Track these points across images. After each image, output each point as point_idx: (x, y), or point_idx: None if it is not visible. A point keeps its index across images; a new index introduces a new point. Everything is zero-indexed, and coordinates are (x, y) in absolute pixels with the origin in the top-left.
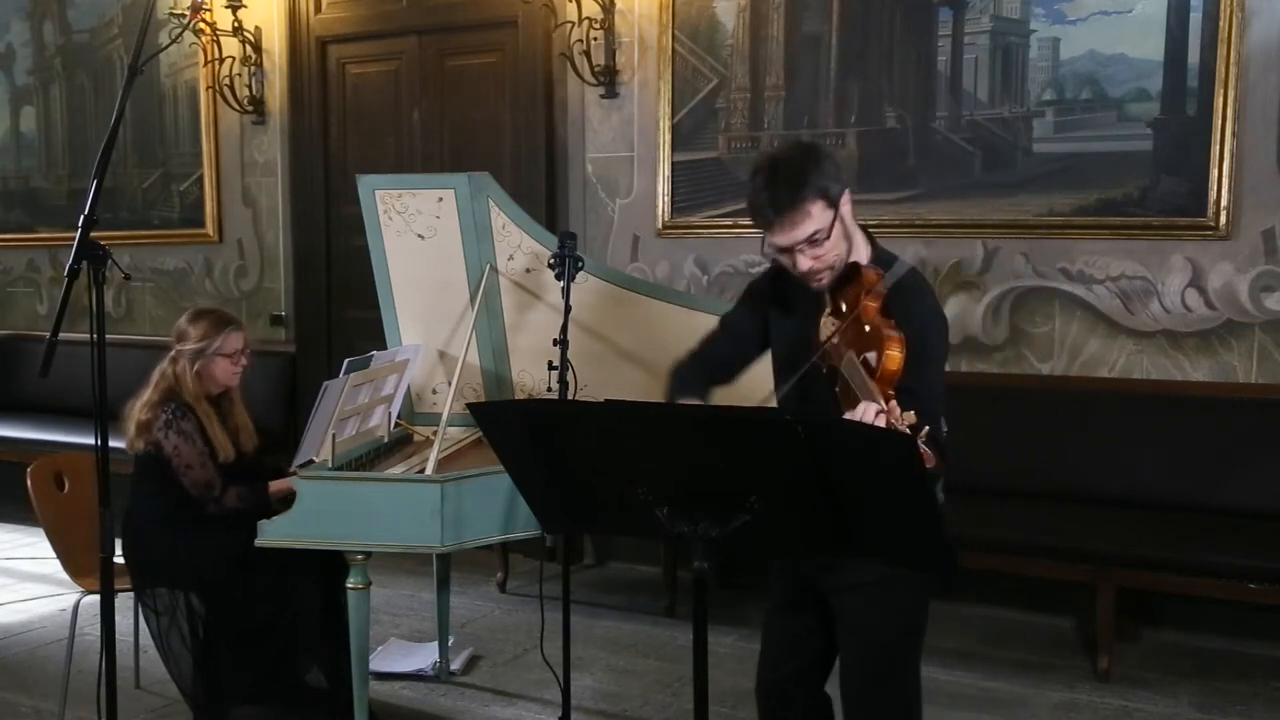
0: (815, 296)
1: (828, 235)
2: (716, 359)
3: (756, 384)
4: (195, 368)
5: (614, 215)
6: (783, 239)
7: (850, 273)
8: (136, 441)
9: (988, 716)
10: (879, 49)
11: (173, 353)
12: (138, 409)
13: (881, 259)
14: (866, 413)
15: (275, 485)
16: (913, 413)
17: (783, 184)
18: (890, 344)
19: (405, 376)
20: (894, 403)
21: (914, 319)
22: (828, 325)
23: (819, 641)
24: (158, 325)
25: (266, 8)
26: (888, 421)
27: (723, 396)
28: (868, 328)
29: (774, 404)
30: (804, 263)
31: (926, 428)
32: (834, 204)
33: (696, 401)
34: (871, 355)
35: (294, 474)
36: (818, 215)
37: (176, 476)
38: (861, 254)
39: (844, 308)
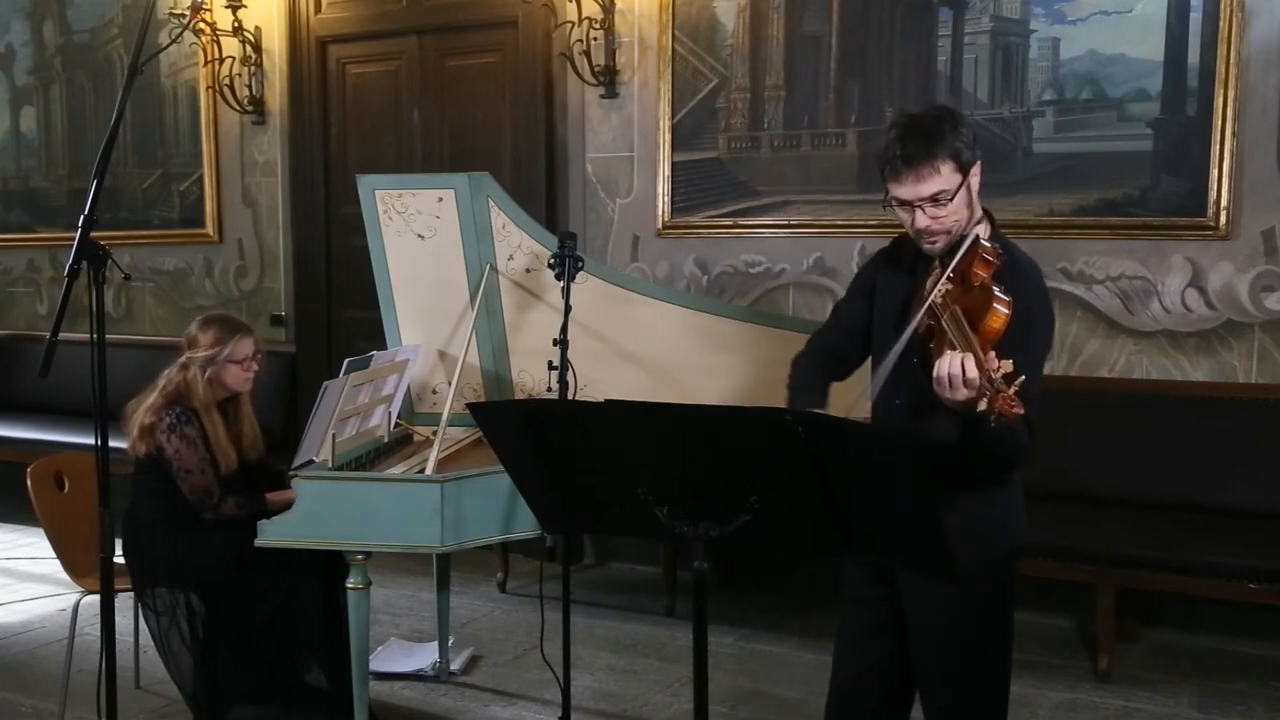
0: (925, 267)
1: (952, 198)
2: (830, 352)
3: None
4: (206, 375)
5: (614, 215)
6: (906, 192)
7: (965, 242)
8: (139, 445)
9: None
10: (879, 49)
11: (183, 359)
12: (141, 412)
13: (999, 239)
14: (954, 360)
15: (274, 496)
16: (1010, 362)
17: (918, 137)
18: (997, 303)
19: (405, 376)
20: (991, 352)
21: (1022, 296)
22: (931, 282)
23: (891, 641)
24: (158, 325)
25: (266, 8)
26: (980, 367)
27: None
28: (977, 290)
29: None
30: (922, 219)
31: (1022, 377)
32: (964, 170)
33: (817, 402)
34: (975, 314)
35: (294, 474)
36: (946, 175)
37: (176, 479)
38: (981, 230)
39: (953, 271)
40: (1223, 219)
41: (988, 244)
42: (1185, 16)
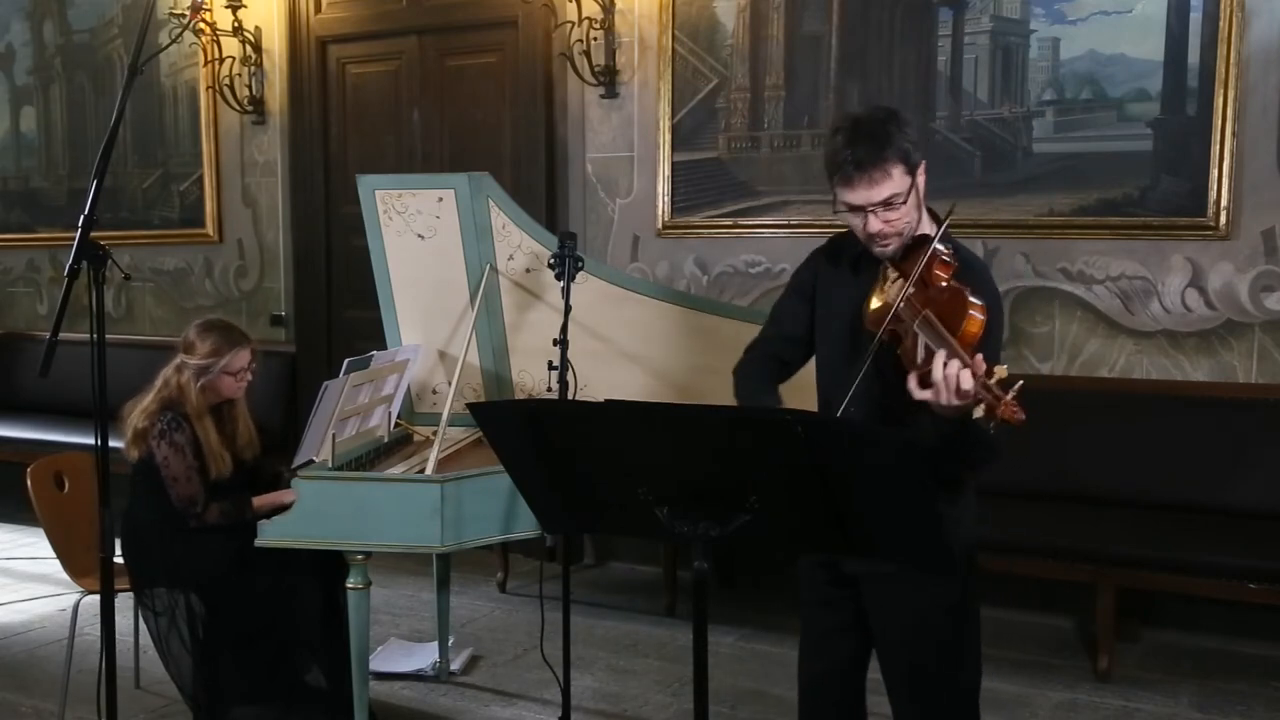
0: (870, 269)
1: (904, 200)
2: (773, 355)
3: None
4: (200, 383)
5: (614, 215)
6: (857, 197)
7: (916, 244)
8: (132, 449)
9: (988, 716)
10: (879, 49)
11: (178, 361)
12: (136, 415)
13: (948, 239)
14: (950, 365)
15: (259, 500)
16: (1004, 367)
17: (866, 140)
18: (973, 309)
19: (405, 376)
20: (979, 357)
21: (985, 297)
22: (892, 289)
23: (853, 640)
24: (158, 325)
25: (266, 8)
26: (975, 376)
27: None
28: (942, 292)
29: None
30: (875, 224)
31: (1020, 382)
32: (913, 171)
33: (774, 404)
34: (950, 318)
35: (294, 474)
36: (897, 178)
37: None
38: (928, 230)
39: (910, 274)
40: (1223, 219)
41: (941, 246)
42: (1185, 16)
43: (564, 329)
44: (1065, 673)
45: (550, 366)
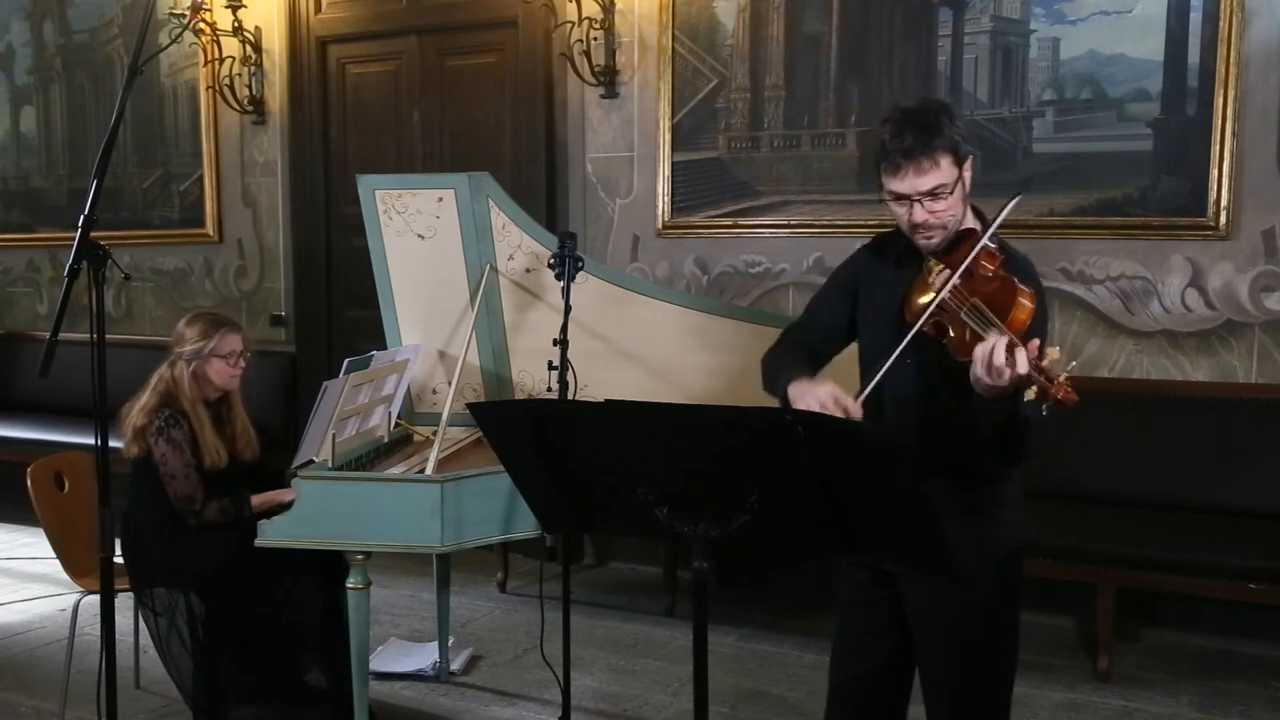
0: (912, 265)
1: (951, 191)
2: (804, 342)
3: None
4: (192, 369)
5: (614, 215)
6: (904, 186)
7: (961, 238)
8: (131, 447)
9: None
10: (879, 49)
11: (171, 356)
12: (134, 413)
13: (993, 236)
14: (998, 346)
15: (258, 499)
16: (1056, 349)
17: (917, 129)
18: (1021, 295)
19: (405, 376)
20: (1034, 342)
21: (1029, 286)
22: (937, 281)
23: (892, 641)
24: (158, 325)
25: (266, 8)
26: (1027, 358)
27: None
28: (990, 281)
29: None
30: (920, 214)
31: (1073, 364)
32: (960, 163)
33: (803, 376)
34: (999, 305)
35: (294, 474)
36: (945, 169)
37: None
38: (972, 225)
39: (957, 265)
40: (1223, 219)
41: (988, 242)
42: (1185, 16)
43: (564, 329)
44: (1065, 673)
45: (550, 366)
